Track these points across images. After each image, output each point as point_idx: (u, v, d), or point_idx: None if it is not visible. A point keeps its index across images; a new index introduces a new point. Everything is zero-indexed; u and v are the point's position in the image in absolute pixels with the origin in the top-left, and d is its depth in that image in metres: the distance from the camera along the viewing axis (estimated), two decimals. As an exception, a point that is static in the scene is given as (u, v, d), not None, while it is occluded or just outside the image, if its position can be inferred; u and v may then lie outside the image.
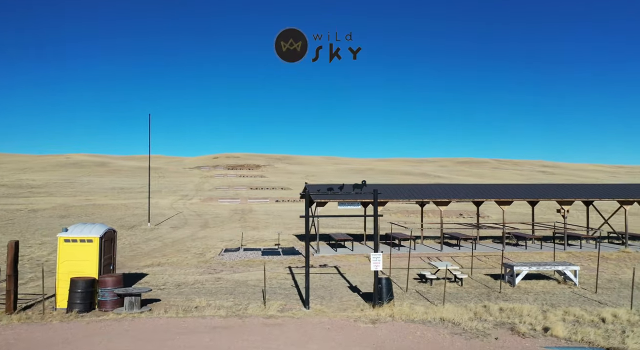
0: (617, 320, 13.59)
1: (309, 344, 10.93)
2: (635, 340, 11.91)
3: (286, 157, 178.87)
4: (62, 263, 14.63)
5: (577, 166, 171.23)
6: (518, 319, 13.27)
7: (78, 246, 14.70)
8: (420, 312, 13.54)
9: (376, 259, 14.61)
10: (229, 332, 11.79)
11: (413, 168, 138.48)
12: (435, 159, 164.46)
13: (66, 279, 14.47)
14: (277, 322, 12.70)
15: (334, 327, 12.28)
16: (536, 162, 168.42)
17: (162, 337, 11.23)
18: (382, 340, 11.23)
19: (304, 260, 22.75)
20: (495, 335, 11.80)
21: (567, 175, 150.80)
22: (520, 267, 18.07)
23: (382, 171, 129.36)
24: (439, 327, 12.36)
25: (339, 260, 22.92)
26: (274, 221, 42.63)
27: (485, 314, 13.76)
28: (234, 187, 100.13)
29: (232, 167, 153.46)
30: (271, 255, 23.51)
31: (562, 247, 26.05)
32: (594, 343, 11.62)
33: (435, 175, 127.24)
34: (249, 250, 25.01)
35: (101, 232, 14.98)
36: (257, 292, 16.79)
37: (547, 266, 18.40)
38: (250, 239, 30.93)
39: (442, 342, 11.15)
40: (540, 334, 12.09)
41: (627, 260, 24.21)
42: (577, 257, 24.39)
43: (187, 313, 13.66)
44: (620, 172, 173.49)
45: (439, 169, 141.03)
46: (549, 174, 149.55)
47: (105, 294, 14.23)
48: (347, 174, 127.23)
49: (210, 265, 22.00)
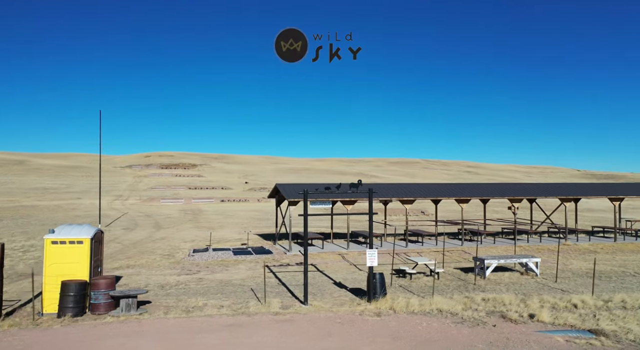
0: (585, 305, 15.10)
1: (331, 337, 11.32)
2: (606, 322, 13.37)
3: (223, 156, 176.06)
4: (49, 266, 13.96)
5: (497, 167, 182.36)
6: (504, 308, 14.42)
7: (67, 248, 14.10)
8: (416, 305, 14.31)
9: (371, 255, 15.20)
10: (244, 329, 11.91)
11: (349, 168, 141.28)
12: (370, 159, 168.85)
13: (54, 282, 13.84)
14: (286, 318, 12.96)
15: (344, 321, 12.74)
16: (462, 162, 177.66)
17: (183, 337, 11.16)
18: (395, 331, 11.85)
19: (278, 259, 23.03)
20: (493, 323, 12.80)
21: (489, 175, 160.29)
22: (490, 260, 19.45)
23: (321, 171, 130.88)
24: (440, 318, 13.19)
25: (312, 258, 23.32)
26: (228, 221, 42.19)
27: (474, 304, 14.79)
28: (172, 187, 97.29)
29: (166, 166, 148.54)
30: (243, 255, 23.49)
31: (513, 242, 28.10)
32: (575, 326, 12.92)
33: (371, 175, 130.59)
34: (218, 251, 24.80)
35: (91, 233, 14.47)
36: (247, 291, 16.88)
37: (513, 259, 19.94)
38: (213, 239, 30.56)
39: (451, 331, 11.96)
40: (528, 320, 13.25)
41: (569, 252, 26.59)
42: (527, 250, 26.42)
43: (189, 313, 13.56)
44: (534, 172, 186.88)
45: (374, 169, 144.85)
46: (474, 173, 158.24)
47: (98, 297, 13.78)
48: (286, 174, 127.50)
49: (184, 266, 21.64)
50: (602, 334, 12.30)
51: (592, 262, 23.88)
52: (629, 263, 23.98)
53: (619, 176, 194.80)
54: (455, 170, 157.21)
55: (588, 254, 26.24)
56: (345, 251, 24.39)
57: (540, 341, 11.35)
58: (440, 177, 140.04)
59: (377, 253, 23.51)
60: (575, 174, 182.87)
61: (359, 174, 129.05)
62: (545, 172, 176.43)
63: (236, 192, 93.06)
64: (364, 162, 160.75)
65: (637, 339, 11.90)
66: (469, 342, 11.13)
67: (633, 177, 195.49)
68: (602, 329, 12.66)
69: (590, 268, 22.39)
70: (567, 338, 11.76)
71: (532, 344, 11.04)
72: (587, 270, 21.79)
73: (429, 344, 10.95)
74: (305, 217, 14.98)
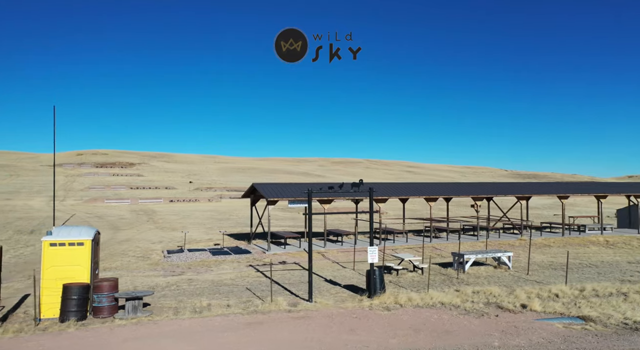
0: (565, 294, 16.41)
1: (355, 332, 11.69)
2: (587, 309, 14.63)
3: (162, 154, 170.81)
4: (47, 269, 13.34)
5: (435, 167, 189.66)
6: (495, 299, 15.40)
7: (67, 250, 13.53)
8: (418, 299, 14.98)
9: (372, 252, 15.70)
10: (266, 326, 12.02)
11: (294, 167, 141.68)
12: (314, 159, 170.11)
13: (53, 286, 13.27)
14: (301, 315, 13.18)
15: (359, 316, 13.16)
16: (403, 162, 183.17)
17: (209, 336, 11.12)
18: (412, 324, 12.42)
19: (259, 259, 23.05)
20: (495, 313, 13.69)
21: (428, 175, 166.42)
22: (469, 255, 20.57)
23: (266, 170, 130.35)
24: (446, 310, 13.92)
25: (293, 257, 23.56)
26: (188, 222, 41.30)
27: (468, 297, 15.66)
28: (111, 187, 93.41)
29: (101, 165, 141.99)
30: (222, 255, 23.28)
31: (475, 238, 29.70)
32: (564, 313, 14.08)
33: (316, 174, 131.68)
34: (195, 251, 24.39)
35: (92, 234, 13.96)
36: (243, 290, 16.87)
37: (489, 253, 21.19)
38: (180, 240, 29.95)
39: (462, 322, 12.69)
40: (522, 310, 14.27)
41: (527, 247, 28.47)
42: (491, 245, 28.02)
43: (200, 313, 13.44)
44: (467, 172, 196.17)
45: (318, 169, 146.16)
46: (414, 173, 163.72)
47: (102, 300, 13.35)
48: (231, 173, 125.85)
49: (165, 268, 21.17)
50: (589, 319, 13.52)
51: (550, 256, 25.86)
52: (581, 255, 26.11)
53: (541, 175, 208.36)
54: (397, 170, 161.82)
55: (543, 247, 28.27)
56: (324, 250, 24.78)
57: (543, 328, 12.32)
58: (383, 176, 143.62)
59: (354, 251, 24.14)
60: (504, 173, 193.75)
61: (304, 173, 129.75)
62: (477, 172, 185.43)
63: (182, 192, 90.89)
64: (308, 162, 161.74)
65: (619, 323, 13.16)
66: (484, 331, 11.89)
67: (554, 177, 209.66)
68: (589, 315, 13.89)
69: (551, 261, 24.26)
70: (564, 324, 12.83)
71: (539, 331, 11.98)
72: (550, 263, 23.54)
73: (448, 334, 11.60)
74: (310, 216, 15.24)
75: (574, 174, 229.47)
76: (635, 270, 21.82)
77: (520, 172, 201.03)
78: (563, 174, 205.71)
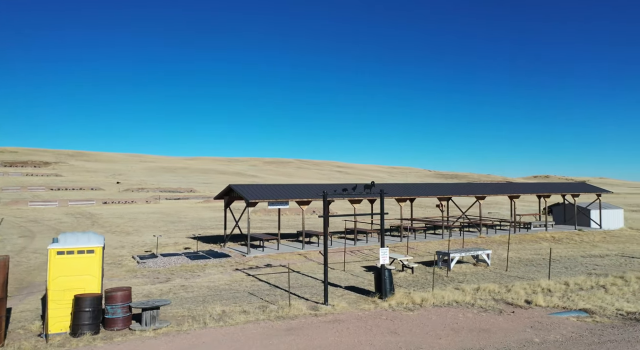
0: (555, 288, 17.50)
1: (397, 333, 11.69)
2: (582, 302, 15.64)
3: (81, 153, 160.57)
4: (54, 279, 12.11)
5: (364, 167, 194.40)
6: (500, 296, 16.09)
7: (76, 259, 12.35)
8: (431, 298, 15.27)
9: (384, 253, 15.79)
10: (306, 331, 11.70)
11: (227, 167, 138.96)
12: (245, 159, 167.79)
13: (61, 298, 12.09)
14: (331, 319, 12.97)
15: (389, 317, 13.18)
16: (334, 163, 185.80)
17: (256, 344, 10.62)
18: (445, 323, 12.65)
19: (243, 262, 22.39)
20: (511, 310, 14.29)
21: (358, 174, 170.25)
22: (454, 254, 21.29)
23: (198, 170, 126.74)
24: (464, 308, 14.32)
25: (275, 259, 23.10)
26: (137, 225, 39.08)
27: (474, 294, 16.23)
28: (28, 188, 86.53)
29: (10, 164, 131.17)
30: (201, 260, 22.32)
31: (440, 237, 30.81)
32: (567, 307, 14.97)
33: (249, 174, 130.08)
34: (169, 256, 23.16)
35: (102, 241, 12.85)
36: (246, 295, 16.30)
37: (471, 251, 22.06)
38: (142, 244, 28.35)
39: (489, 320, 13.12)
40: (529, 305, 15.03)
41: (489, 244, 30.00)
42: (456, 243, 29.20)
43: (223, 321, 12.81)
44: (395, 172, 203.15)
45: (250, 169, 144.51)
46: (345, 173, 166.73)
47: (117, 311, 12.34)
48: (160, 173, 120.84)
49: (146, 274, 19.94)
50: (591, 312, 14.52)
51: (515, 252, 27.35)
52: (541, 251, 27.90)
53: (461, 175, 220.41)
54: (328, 170, 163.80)
55: (504, 244, 29.87)
56: (304, 251, 24.54)
57: (563, 322, 13.05)
58: (314, 176, 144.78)
59: (331, 252, 24.14)
60: (429, 174, 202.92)
61: (238, 173, 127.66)
62: (405, 172, 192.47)
63: (111, 193, 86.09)
64: (240, 162, 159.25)
65: (616, 314, 14.24)
66: (514, 328, 12.38)
67: (472, 177, 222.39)
68: (589, 308, 14.90)
69: (519, 257, 25.68)
70: (577, 318, 13.67)
71: (562, 325, 12.68)
72: (519, 259, 24.90)
73: (486, 333, 11.95)
74: (325, 218, 15.03)
75: (489, 174, 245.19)
76: (593, 264, 23.69)
77: (443, 172, 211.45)
78: (480, 174, 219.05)
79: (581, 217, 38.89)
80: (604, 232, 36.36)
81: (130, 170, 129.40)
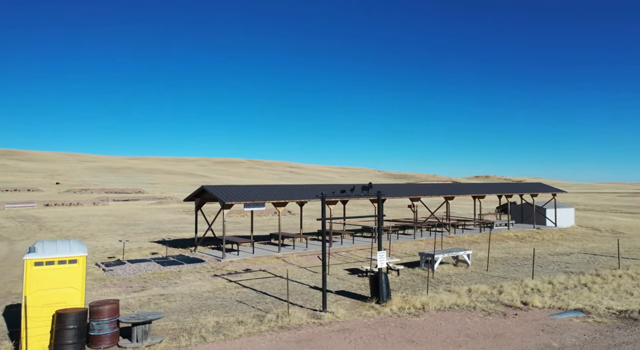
0: (543, 289, 17.60)
1: (414, 343, 11.13)
2: (573, 301, 15.70)
3: (13, 152, 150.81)
4: (33, 294, 10.67)
5: (315, 167, 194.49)
6: (493, 297, 15.94)
7: (56, 270, 10.96)
8: (430, 302, 14.82)
9: (381, 256, 15.24)
10: (320, 344, 10.91)
11: (174, 167, 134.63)
12: (194, 158, 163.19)
13: (40, 314, 10.68)
14: (339, 328, 12.25)
15: (398, 325, 12.60)
16: (285, 163, 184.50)
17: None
18: (457, 329, 12.22)
19: (219, 267, 21.25)
20: (514, 313, 14.11)
21: (309, 175, 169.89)
22: (437, 255, 21.09)
23: (143, 170, 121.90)
24: (467, 312, 14.00)
25: (253, 263, 22.05)
26: (91, 229, 36.56)
27: (469, 297, 15.99)
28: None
29: None
30: (174, 266, 20.92)
31: (411, 237, 30.74)
32: (563, 307, 15.01)
33: (199, 174, 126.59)
34: (137, 263, 21.55)
35: (85, 249, 11.49)
36: (236, 304, 15.28)
37: (453, 252, 21.95)
38: (102, 250, 26.43)
39: (498, 324, 12.84)
40: (526, 307, 14.94)
41: (460, 243, 30.23)
42: (429, 243, 29.19)
43: (222, 334, 11.80)
44: (346, 172, 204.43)
45: (199, 169, 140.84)
46: (296, 173, 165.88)
47: (104, 327, 11.06)
48: (103, 173, 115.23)
49: (116, 283, 18.37)
50: (586, 311, 14.62)
51: (486, 251, 27.63)
52: (510, 250, 28.40)
53: (409, 176, 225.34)
54: (280, 170, 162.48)
55: (474, 244, 30.21)
56: (281, 254, 23.61)
57: (566, 324, 12.98)
58: (266, 177, 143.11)
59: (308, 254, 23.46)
60: (378, 174, 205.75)
61: (187, 173, 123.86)
62: (355, 173, 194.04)
63: (52, 195, 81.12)
64: (188, 161, 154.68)
65: (608, 313, 14.39)
66: (527, 332, 12.14)
67: (419, 177, 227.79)
68: (582, 308, 15.02)
69: (493, 256, 25.88)
70: (576, 318, 13.67)
71: (570, 328, 12.59)
72: (494, 259, 25.05)
73: (502, 338, 11.62)
74: (323, 220, 14.27)
75: (435, 174, 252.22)
76: (564, 262, 24.25)
77: (392, 172, 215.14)
78: (427, 175, 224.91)
79: (537, 215, 40.18)
80: (560, 230, 37.67)
81: (70, 170, 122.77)
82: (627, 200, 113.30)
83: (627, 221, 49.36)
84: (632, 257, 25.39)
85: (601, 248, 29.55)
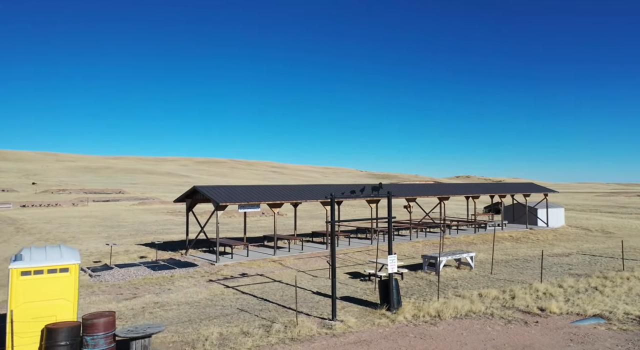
0: (555, 293, 16.98)
1: (442, 354, 10.31)
2: (590, 307, 15.05)
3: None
4: (19, 306, 9.53)
5: (298, 167, 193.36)
6: (509, 303, 15.23)
7: (46, 280, 9.83)
8: (445, 309, 14.03)
9: (392, 261, 14.40)
10: (339, 360, 10.00)
11: (155, 167, 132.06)
12: (175, 158, 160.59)
13: (28, 329, 9.57)
14: (355, 340, 11.36)
15: (418, 335, 11.76)
16: (268, 163, 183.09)
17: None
18: (481, 339, 11.44)
19: (213, 272, 20.23)
20: (534, 320, 13.39)
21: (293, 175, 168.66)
22: (442, 258, 20.36)
23: (123, 170, 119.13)
24: (485, 320, 13.25)
25: (249, 267, 21.02)
26: (73, 231, 34.97)
27: (482, 302, 15.26)
28: None
29: None
30: (166, 270, 19.78)
31: (407, 238, 30.03)
32: (582, 314, 14.36)
33: (181, 174, 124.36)
34: (126, 267, 20.34)
35: (77, 256, 10.37)
36: (237, 312, 14.28)
37: (457, 254, 21.25)
38: (86, 253, 25.08)
39: (522, 333, 12.10)
40: (545, 313, 14.25)
41: (457, 244, 29.62)
42: (426, 244, 28.52)
43: (227, 347, 10.80)
44: (328, 172, 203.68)
45: (181, 168, 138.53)
46: (280, 173, 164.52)
47: (99, 342, 9.96)
48: (82, 173, 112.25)
49: (105, 290, 17.17)
50: (606, 318, 14.01)
51: (487, 252, 26.98)
52: (508, 250, 27.87)
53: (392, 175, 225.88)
54: (263, 170, 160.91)
55: (471, 245, 29.64)
56: (277, 258, 22.62)
57: (592, 332, 12.31)
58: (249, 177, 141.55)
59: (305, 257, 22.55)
60: (361, 174, 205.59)
61: (168, 173, 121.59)
62: (337, 172, 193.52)
63: (28, 195, 78.52)
64: (169, 161, 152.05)
65: (629, 318, 13.82)
66: (556, 342, 11.41)
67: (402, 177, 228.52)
68: (600, 313, 14.42)
69: (496, 258, 25.13)
70: (600, 325, 13.02)
71: (598, 337, 11.90)
72: (497, 260, 24.41)
73: (530, 349, 10.88)
74: (332, 222, 13.36)
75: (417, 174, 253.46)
76: (566, 264, 23.76)
77: (375, 172, 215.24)
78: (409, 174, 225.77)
79: (529, 216, 39.93)
80: (552, 230, 37.44)
81: (47, 170, 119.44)
82: (605, 200, 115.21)
83: (614, 221, 49.62)
84: (632, 258, 25.08)
85: (597, 249, 29.26)
